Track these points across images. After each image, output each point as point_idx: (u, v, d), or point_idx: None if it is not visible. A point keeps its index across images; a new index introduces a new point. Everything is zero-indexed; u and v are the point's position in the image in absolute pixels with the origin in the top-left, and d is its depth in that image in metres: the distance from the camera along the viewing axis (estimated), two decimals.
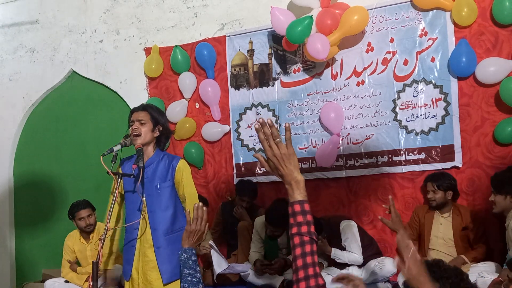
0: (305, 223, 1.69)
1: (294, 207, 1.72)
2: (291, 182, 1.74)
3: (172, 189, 3.35)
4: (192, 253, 2.39)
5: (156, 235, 3.29)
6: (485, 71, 4.38)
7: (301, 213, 1.70)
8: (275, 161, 1.74)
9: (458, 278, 1.81)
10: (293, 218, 1.71)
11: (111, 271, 3.61)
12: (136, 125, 3.33)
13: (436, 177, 4.39)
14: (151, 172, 3.33)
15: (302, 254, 1.67)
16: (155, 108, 3.48)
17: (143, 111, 3.38)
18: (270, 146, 1.75)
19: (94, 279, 3.05)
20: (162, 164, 3.35)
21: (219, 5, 5.56)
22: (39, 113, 6.45)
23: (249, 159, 5.32)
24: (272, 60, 5.26)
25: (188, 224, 2.45)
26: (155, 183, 3.31)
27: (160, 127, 3.39)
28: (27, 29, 6.48)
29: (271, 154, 1.74)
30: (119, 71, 5.99)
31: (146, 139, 3.33)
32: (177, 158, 3.41)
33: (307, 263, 1.66)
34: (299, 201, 1.72)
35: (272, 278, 4.54)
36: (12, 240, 6.46)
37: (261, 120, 1.75)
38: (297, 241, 1.69)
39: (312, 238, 1.69)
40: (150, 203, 3.31)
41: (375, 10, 4.80)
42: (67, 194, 6.15)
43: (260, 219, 4.78)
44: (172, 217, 3.33)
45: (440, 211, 4.41)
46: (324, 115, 4.93)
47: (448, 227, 4.36)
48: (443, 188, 4.33)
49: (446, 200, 4.36)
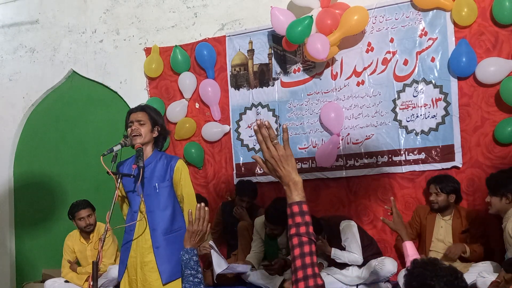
0: (303, 223, 1.70)
1: (292, 208, 1.73)
2: (289, 183, 1.75)
3: (171, 189, 3.37)
4: (194, 253, 2.39)
5: (155, 235, 3.30)
6: (485, 71, 4.38)
7: (299, 214, 1.71)
8: (273, 162, 1.76)
9: (453, 276, 1.82)
10: (291, 219, 1.72)
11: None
12: (135, 126, 3.34)
13: (439, 180, 4.35)
14: (149, 172, 3.34)
15: (301, 254, 1.68)
16: (153, 109, 3.52)
17: (141, 112, 3.41)
18: (268, 147, 1.76)
19: (94, 279, 3.04)
20: (160, 164, 3.37)
21: (219, 5, 5.56)
22: (39, 113, 6.45)
23: (249, 159, 5.31)
24: (272, 60, 5.26)
25: (190, 224, 2.44)
26: (154, 183, 3.33)
27: (159, 127, 3.42)
28: (27, 29, 6.48)
29: (269, 155, 1.76)
30: (119, 71, 5.99)
31: (146, 139, 3.36)
32: (175, 158, 3.43)
33: (306, 264, 1.67)
34: (297, 202, 1.73)
35: (272, 278, 4.54)
36: (12, 240, 6.46)
37: (259, 122, 1.76)
38: (295, 242, 1.69)
39: (311, 238, 1.70)
40: (149, 203, 3.32)
41: (375, 10, 4.80)
42: (67, 194, 6.15)
43: (260, 219, 4.78)
44: (171, 217, 3.34)
45: (442, 213, 4.39)
46: (324, 115, 4.93)
47: (448, 230, 4.34)
48: (446, 191, 4.29)
49: (448, 203, 4.32)
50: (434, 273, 1.81)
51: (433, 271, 1.81)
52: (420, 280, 1.82)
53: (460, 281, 1.82)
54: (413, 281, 1.84)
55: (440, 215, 4.39)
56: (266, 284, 4.56)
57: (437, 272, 1.81)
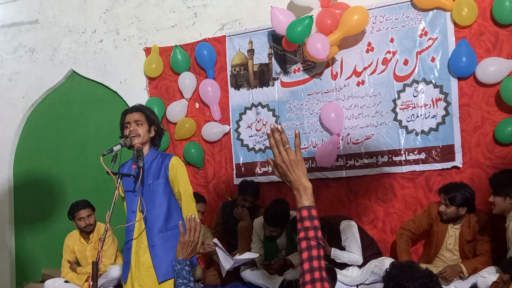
0: (312, 228, 1.73)
1: (301, 212, 1.76)
2: (299, 188, 1.78)
3: (165, 186, 3.37)
4: (186, 263, 2.41)
5: (150, 233, 3.31)
6: (485, 71, 4.37)
7: (308, 218, 1.74)
8: (284, 167, 1.80)
9: (428, 279, 1.87)
10: (300, 223, 1.75)
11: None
12: (133, 126, 3.36)
13: (449, 190, 4.08)
14: (145, 171, 3.34)
15: (309, 258, 1.71)
16: (148, 109, 3.55)
17: (138, 112, 3.43)
18: (280, 152, 1.80)
19: (94, 279, 3.04)
20: (156, 163, 3.39)
21: (219, 5, 5.55)
22: (39, 113, 6.45)
23: (249, 159, 5.31)
24: (272, 60, 5.26)
25: (181, 235, 2.47)
26: (149, 182, 3.34)
27: (155, 127, 3.45)
28: (27, 29, 6.48)
29: (280, 160, 1.80)
30: (119, 71, 5.99)
31: (144, 139, 3.38)
32: (169, 155, 3.44)
33: (314, 267, 1.70)
34: (306, 206, 1.76)
35: (271, 278, 4.54)
36: (12, 240, 6.46)
37: (272, 127, 1.80)
38: (304, 246, 1.72)
39: (319, 243, 1.73)
40: (145, 202, 3.31)
41: (375, 10, 4.80)
42: (67, 194, 6.15)
43: (259, 220, 4.78)
44: (166, 215, 3.34)
45: (453, 223, 4.20)
46: (324, 115, 4.93)
47: (456, 239, 4.21)
48: (456, 203, 4.04)
49: (458, 215, 4.11)
50: (410, 275, 1.86)
51: (409, 273, 1.87)
52: (396, 281, 1.87)
53: (435, 283, 1.87)
54: (390, 282, 1.90)
55: (452, 224, 4.21)
56: (266, 284, 4.55)
57: (413, 274, 1.86)
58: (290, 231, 4.66)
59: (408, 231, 4.38)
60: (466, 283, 4.03)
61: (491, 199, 3.93)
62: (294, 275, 4.49)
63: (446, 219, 4.18)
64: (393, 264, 1.99)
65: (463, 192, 4.06)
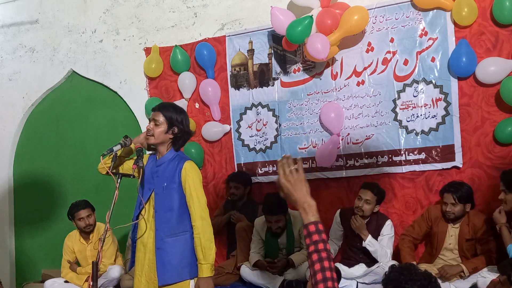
0: (321, 240, 1.84)
1: (309, 228, 1.87)
2: (304, 206, 1.90)
3: (177, 191, 3.27)
4: None
5: (157, 235, 3.28)
6: (485, 71, 4.37)
7: (316, 232, 1.86)
8: (288, 186, 1.93)
9: (427, 280, 1.91)
10: (309, 238, 1.86)
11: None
12: (150, 126, 3.30)
13: (454, 188, 4.12)
14: (161, 171, 3.30)
15: (322, 269, 1.80)
16: (172, 109, 3.37)
17: (158, 112, 3.32)
18: (285, 172, 1.95)
19: (94, 279, 3.04)
20: (172, 165, 3.30)
21: (219, 5, 5.55)
22: (39, 113, 6.45)
23: (250, 160, 5.32)
24: (272, 60, 5.26)
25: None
26: (163, 183, 3.28)
27: (176, 128, 3.31)
28: (27, 29, 6.48)
29: (285, 180, 1.95)
30: (119, 71, 5.99)
31: (158, 140, 3.29)
32: (184, 159, 3.32)
33: (327, 277, 1.79)
34: (313, 222, 1.88)
35: (272, 278, 4.54)
36: (12, 240, 6.46)
37: (285, 155, 2.01)
38: (315, 258, 1.82)
39: (329, 255, 1.82)
40: (157, 202, 3.29)
41: (375, 10, 4.80)
42: (67, 194, 6.15)
43: (260, 219, 4.78)
44: (175, 220, 3.25)
45: (453, 222, 4.23)
46: (324, 115, 4.93)
47: (456, 238, 4.22)
48: (463, 201, 4.09)
49: (464, 213, 4.15)
50: (409, 277, 1.91)
51: (408, 275, 1.92)
52: (395, 284, 1.92)
53: (434, 285, 1.91)
54: (389, 285, 1.95)
55: (452, 224, 4.23)
56: (266, 284, 4.56)
57: (412, 276, 1.91)
58: (290, 231, 4.66)
59: (410, 237, 4.39)
60: (466, 282, 4.03)
61: (501, 196, 3.89)
62: (294, 275, 4.50)
63: (454, 218, 4.18)
64: (392, 267, 2.03)
65: (467, 188, 4.15)
